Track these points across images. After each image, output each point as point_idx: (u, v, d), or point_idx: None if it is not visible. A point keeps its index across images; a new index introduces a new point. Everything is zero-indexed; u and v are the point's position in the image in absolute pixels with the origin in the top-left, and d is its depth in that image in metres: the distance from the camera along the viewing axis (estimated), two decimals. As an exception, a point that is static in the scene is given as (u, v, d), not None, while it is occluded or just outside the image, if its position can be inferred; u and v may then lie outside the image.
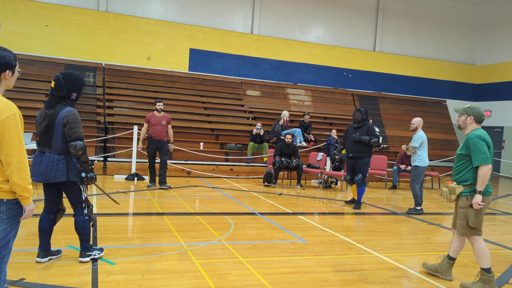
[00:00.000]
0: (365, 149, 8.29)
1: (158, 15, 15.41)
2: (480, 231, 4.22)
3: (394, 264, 4.88)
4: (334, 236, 6.05)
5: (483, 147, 4.05)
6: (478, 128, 4.24)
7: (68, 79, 4.17)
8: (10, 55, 2.64)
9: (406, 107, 18.44)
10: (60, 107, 4.13)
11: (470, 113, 4.24)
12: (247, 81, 16.36)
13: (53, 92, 4.16)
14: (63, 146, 4.12)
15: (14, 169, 2.50)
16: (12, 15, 13.58)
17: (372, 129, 8.32)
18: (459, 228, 4.28)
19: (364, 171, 8.37)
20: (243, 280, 4.12)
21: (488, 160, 4.04)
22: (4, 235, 2.56)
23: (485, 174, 4.02)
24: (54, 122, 4.09)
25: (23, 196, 2.57)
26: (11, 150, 2.48)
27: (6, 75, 2.63)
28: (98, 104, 13.55)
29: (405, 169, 11.94)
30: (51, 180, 4.10)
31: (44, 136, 4.14)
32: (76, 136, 4.08)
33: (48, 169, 4.07)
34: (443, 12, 19.26)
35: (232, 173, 12.26)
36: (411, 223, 7.39)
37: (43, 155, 4.13)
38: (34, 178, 4.09)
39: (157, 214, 6.74)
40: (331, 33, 17.78)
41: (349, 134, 8.45)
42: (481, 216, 4.16)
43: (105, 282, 3.85)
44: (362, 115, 8.37)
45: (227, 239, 5.49)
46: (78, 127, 4.10)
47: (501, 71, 18.82)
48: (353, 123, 8.54)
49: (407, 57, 18.81)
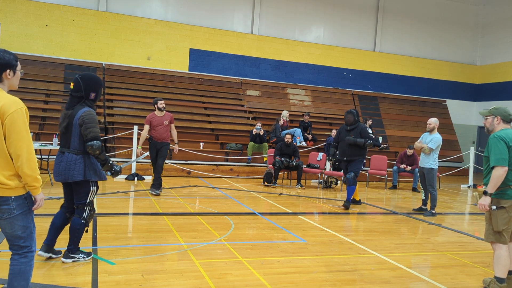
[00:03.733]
0: (359, 151, 8.15)
1: (158, 15, 15.41)
2: (504, 237, 3.95)
3: (394, 264, 4.88)
4: (334, 236, 6.05)
5: (501, 147, 3.85)
6: (506, 128, 4.02)
7: (86, 80, 4.25)
8: (10, 55, 2.76)
9: (406, 107, 18.44)
10: (78, 108, 4.20)
11: (496, 113, 4.07)
12: (247, 81, 16.36)
13: (72, 93, 4.25)
14: (81, 146, 4.17)
15: (24, 161, 2.64)
16: (12, 15, 13.58)
17: (366, 131, 8.21)
18: (485, 232, 4.08)
19: (357, 170, 8.20)
20: (243, 280, 4.12)
21: (504, 161, 3.82)
22: (24, 229, 2.77)
23: (499, 176, 3.82)
24: (72, 122, 4.17)
25: (33, 186, 2.73)
26: (21, 142, 2.63)
27: (7, 74, 2.75)
28: (98, 104, 13.54)
29: (405, 169, 11.94)
30: (69, 180, 4.16)
31: (64, 136, 4.24)
32: (92, 136, 4.12)
33: (67, 169, 4.14)
34: (443, 12, 19.26)
35: (232, 173, 12.26)
36: (411, 223, 7.39)
37: (63, 155, 4.21)
38: (55, 178, 4.25)
39: (157, 214, 6.74)
40: (331, 33, 17.78)
41: (342, 136, 8.27)
42: (507, 221, 3.92)
43: (105, 282, 3.85)
44: (354, 117, 8.21)
45: (227, 239, 5.49)
46: (94, 127, 4.14)
47: (501, 71, 18.81)
48: (345, 125, 8.36)
49: (407, 57, 18.81)
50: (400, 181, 12.54)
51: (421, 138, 8.36)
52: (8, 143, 2.63)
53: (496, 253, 3.99)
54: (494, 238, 3.99)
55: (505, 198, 3.91)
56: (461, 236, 6.59)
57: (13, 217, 2.70)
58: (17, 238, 2.77)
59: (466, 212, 9.20)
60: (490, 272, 4.80)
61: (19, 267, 2.79)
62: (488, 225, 4.03)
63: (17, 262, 2.79)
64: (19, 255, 2.80)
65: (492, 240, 4.01)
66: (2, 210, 2.69)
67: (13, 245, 2.80)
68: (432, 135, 8.10)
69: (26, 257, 2.81)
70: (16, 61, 2.79)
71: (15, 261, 2.80)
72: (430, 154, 7.98)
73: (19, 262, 2.79)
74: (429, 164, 8.01)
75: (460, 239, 6.40)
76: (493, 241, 4.00)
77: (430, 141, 8.03)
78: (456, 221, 8.01)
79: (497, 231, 3.95)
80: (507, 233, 3.96)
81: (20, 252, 2.80)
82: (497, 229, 3.94)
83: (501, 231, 3.93)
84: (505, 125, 4.06)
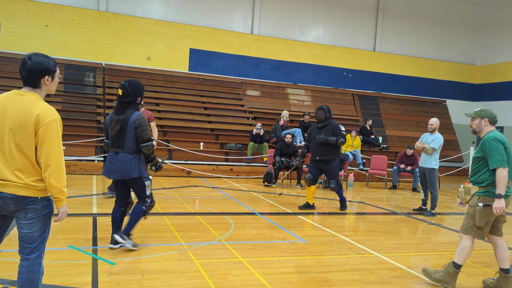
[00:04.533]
0: (332, 150, 7.57)
1: (158, 15, 15.40)
2: (484, 234, 4.11)
3: (394, 264, 4.89)
4: (334, 236, 6.05)
5: (500, 149, 3.96)
6: (494, 130, 4.15)
7: (133, 86, 4.73)
8: (50, 61, 2.77)
9: (406, 107, 18.43)
10: (130, 112, 4.68)
11: (484, 115, 4.17)
12: (247, 81, 16.36)
13: (121, 99, 4.70)
14: (134, 147, 4.68)
15: (52, 172, 2.64)
16: (12, 15, 13.58)
17: (338, 128, 7.60)
18: (464, 225, 4.20)
19: (336, 176, 7.72)
20: (243, 280, 4.12)
21: (505, 162, 3.94)
22: (41, 232, 2.75)
23: (505, 176, 3.91)
24: (126, 125, 4.64)
25: (58, 198, 2.73)
26: (51, 153, 2.64)
27: (45, 80, 2.75)
28: (98, 104, 13.55)
29: (405, 169, 11.94)
30: (126, 177, 4.66)
31: (117, 138, 4.70)
32: (147, 137, 4.67)
33: (123, 167, 4.63)
34: (443, 12, 19.26)
35: (232, 173, 12.26)
36: (411, 223, 7.39)
37: (117, 155, 4.68)
38: (110, 175, 4.72)
39: (157, 214, 6.74)
40: (331, 33, 17.77)
41: (313, 135, 7.70)
42: (489, 218, 4.04)
43: (105, 282, 3.85)
44: (326, 113, 7.63)
45: (227, 239, 5.49)
46: (147, 129, 4.68)
47: (501, 71, 18.81)
48: (316, 122, 7.79)
49: (407, 57, 18.81)
50: (400, 181, 12.54)
51: (421, 138, 8.34)
52: (39, 153, 2.64)
53: (463, 243, 4.16)
54: (474, 233, 4.12)
55: (491, 197, 4.00)
56: (461, 236, 6.59)
57: (36, 218, 2.69)
58: (32, 240, 2.72)
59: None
60: (490, 272, 4.80)
61: (28, 276, 2.74)
62: (470, 220, 4.14)
63: (25, 270, 2.74)
64: (27, 261, 2.74)
65: (472, 234, 4.14)
66: (27, 210, 2.67)
67: (25, 247, 2.74)
68: (434, 135, 8.11)
69: (35, 265, 2.75)
70: (55, 67, 2.79)
71: (24, 269, 2.74)
72: (432, 154, 7.98)
73: (28, 270, 2.74)
74: (430, 164, 8.00)
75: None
76: (472, 235, 4.14)
77: (432, 141, 8.02)
78: (456, 221, 8.00)
79: (479, 227, 4.08)
80: (487, 229, 4.11)
81: (29, 257, 2.74)
82: (479, 225, 4.07)
83: (482, 227, 4.07)
84: (491, 126, 4.18)
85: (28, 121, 2.61)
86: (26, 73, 2.70)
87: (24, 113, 2.63)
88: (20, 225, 2.73)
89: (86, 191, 8.44)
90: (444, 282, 4.14)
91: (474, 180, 4.16)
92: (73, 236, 5.24)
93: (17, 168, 2.63)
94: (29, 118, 2.62)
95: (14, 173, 2.63)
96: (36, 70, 2.70)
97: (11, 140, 2.62)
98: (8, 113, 2.64)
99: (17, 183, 2.62)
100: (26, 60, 2.71)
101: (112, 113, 4.82)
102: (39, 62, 2.70)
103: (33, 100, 2.68)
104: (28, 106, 2.65)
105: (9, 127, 2.62)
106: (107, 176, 4.79)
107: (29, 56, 2.72)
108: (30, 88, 2.73)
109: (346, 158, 11.43)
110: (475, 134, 4.28)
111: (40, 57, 2.72)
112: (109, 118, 4.79)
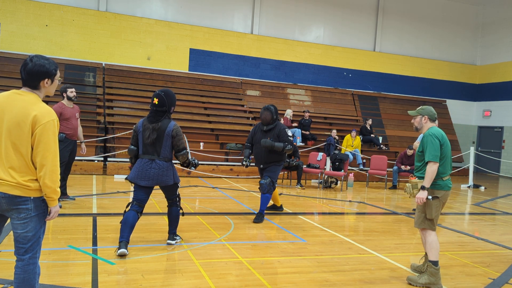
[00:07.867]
0: (277, 157, 6.71)
1: (158, 15, 15.40)
2: (435, 225, 4.33)
3: (394, 264, 4.89)
4: (334, 236, 6.05)
5: (435, 145, 4.18)
6: (433, 127, 4.39)
7: (168, 96, 4.84)
8: (50, 64, 2.78)
9: (406, 107, 18.39)
10: (165, 121, 4.81)
11: (424, 113, 4.42)
12: (247, 81, 16.36)
13: (157, 108, 4.79)
14: (170, 155, 4.85)
15: (47, 171, 2.66)
16: (12, 15, 13.58)
17: (285, 133, 6.67)
18: (416, 219, 4.40)
19: (274, 175, 6.72)
20: (243, 280, 4.12)
21: (437, 158, 4.15)
22: (35, 232, 2.76)
23: (433, 171, 4.14)
24: (163, 134, 4.76)
25: (51, 198, 2.74)
26: (47, 153, 2.66)
27: (45, 83, 2.77)
28: (98, 104, 13.55)
29: (405, 169, 11.94)
30: (162, 184, 4.83)
31: (153, 146, 4.79)
32: (184, 146, 4.87)
33: (159, 175, 4.76)
34: (443, 12, 19.26)
35: (232, 173, 12.27)
36: (411, 223, 7.38)
37: (152, 162, 4.78)
38: (144, 182, 4.75)
39: (157, 214, 6.74)
40: (331, 33, 17.77)
41: (257, 138, 6.79)
42: (438, 209, 4.30)
43: (105, 282, 3.85)
44: (272, 114, 6.73)
45: (227, 239, 5.50)
46: (183, 138, 4.86)
47: (501, 71, 18.81)
48: (260, 124, 6.88)
49: (407, 57, 18.81)
50: (400, 181, 12.54)
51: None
52: (35, 152, 2.65)
53: (428, 239, 4.32)
54: (426, 225, 4.32)
55: (438, 189, 4.25)
56: (461, 236, 6.59)
57: (29, 218, 2.70)
58: (27, 240, 2.74)
59: (466, 212, 9.20)
60: (490, 272, 4.80)
61: (23, 276, 2.76)
62: (421, 213, 4.34)
63: (20, 270, 2.77)
64: (22, 261, 2.76)
65: (425, 227, 4.34)
66: (20, 210, 2.69)
67: (19, 247, 2.76)
68: None
69: (30, 265, 2.77)
70: (56, 70, 2.80)
71: (19, 269, 2.77)
72: None
73: (23, 271, 2.76)
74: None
75: (460, 239, 6.40)
76: (425, 228, 4.33)
77: None
78: (456, 221, 8.01)
79: (430, 219, 4.29)
80: (436, 220, 4.35)
81: (24, 257, 2.76)
82: (430, 216, 4.28)
83: (433, 218, 4.29)
84: (432, 123, 4.43)
85: (25, 121, 2.63)
86: (26, 75, 2.72)
87: (22, 113, 2.65)
88: (14, 225, 2.75)
89: (86, 191, 8.44)
90: (431, 284, 4.22)
91: (419, 175, 4.34)
92: (73, 236, 5.24)
93: (11, 167, 2.65)
94: (26, 117, 2.64)
95: (7, 171, 2.65)
96: (37, 72, 2.72)
97: (8, 138, 2.64)
98: (6, 112, 2.66)
99: (10, 182, 2.64)
100: (27, 61, 2.73)
101: (144, 120, 4.87)
102: (40, 65, 2.73)
103: (31, 100, 2.70)
104: (26, 106, 2.67)
105: (6, 125, 2.65)
106: (137, 182, 4.77)
107: (31, 58, 2.75)
108: (29, 89, 2.75)
109: (346, 158, 11.42)
110: (417, 131, 4.53)
111: (42, 60, 2.75)
112: (141, 126, 4.85)
